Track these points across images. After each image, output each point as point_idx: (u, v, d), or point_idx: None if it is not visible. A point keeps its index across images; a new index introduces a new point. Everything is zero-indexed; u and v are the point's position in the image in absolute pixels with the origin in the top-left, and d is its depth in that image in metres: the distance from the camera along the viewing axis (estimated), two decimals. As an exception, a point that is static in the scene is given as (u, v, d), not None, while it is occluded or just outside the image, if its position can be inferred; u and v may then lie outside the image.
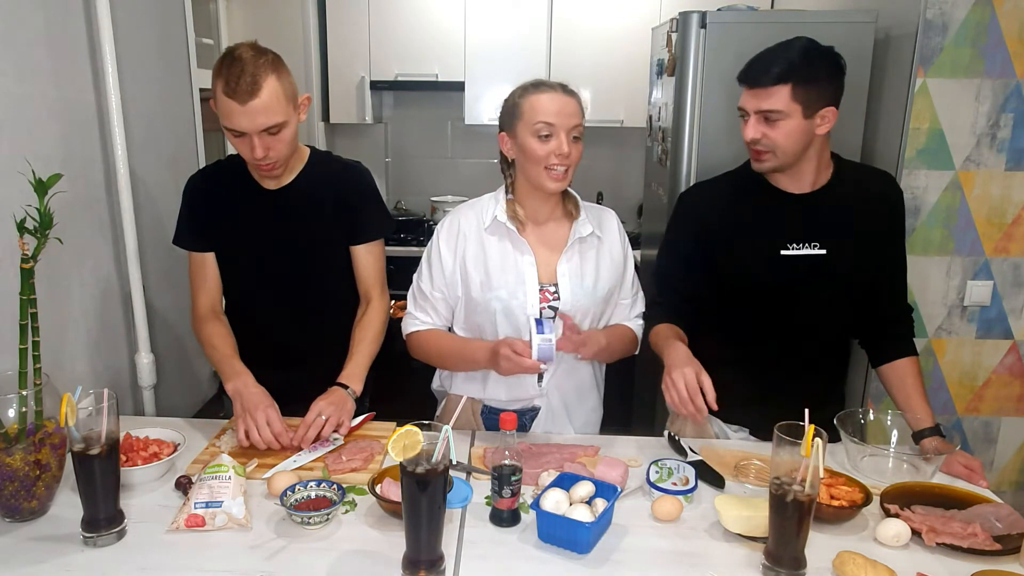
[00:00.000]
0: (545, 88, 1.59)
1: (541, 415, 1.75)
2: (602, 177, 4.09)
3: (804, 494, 1.14)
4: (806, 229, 1.62)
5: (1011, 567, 1.22)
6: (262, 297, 1.78)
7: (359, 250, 1.79)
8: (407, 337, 1.76)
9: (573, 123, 1.57)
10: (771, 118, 1.52)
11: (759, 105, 1.53)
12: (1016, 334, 2.36)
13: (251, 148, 1.56)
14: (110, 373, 1.98)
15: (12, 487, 1.26)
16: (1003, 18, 2.15)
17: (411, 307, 1.76)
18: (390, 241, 1.87)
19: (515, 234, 1.65)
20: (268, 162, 1.59)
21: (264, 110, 1.52)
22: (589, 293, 1.68)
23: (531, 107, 1.57)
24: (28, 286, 1.27)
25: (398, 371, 1.75)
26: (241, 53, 1.52)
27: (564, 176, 1.60)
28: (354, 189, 1.77)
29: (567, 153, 1.57)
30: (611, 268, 1.73)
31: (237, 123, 1.52)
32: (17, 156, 1.55)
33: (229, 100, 1.50)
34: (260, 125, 1.53)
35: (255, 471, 1.48)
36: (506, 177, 1.71)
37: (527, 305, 1.64)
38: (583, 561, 1.23)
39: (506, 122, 1.63)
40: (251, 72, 1.49)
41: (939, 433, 1.58)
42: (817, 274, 1.63)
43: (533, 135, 1.56)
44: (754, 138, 1.55)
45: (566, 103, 1.57)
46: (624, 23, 3.65)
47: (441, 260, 1.68)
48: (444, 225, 1.72)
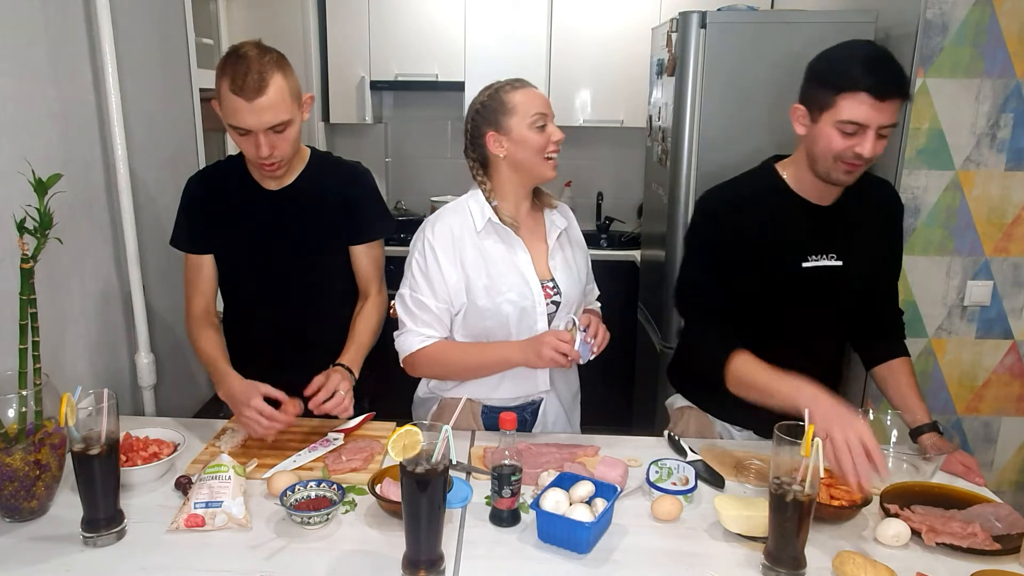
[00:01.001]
0: (523, 84, 1.65)
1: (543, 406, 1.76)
2: (602, 177, 4.09)
3: (804, 494, 1.14)
4: (824, 240, 1.60)
5: (1011, 567, 1.22)
6: (263, 298, 1.78)
7: (359, 250, 1.79)
8: (409, 357, 1.67)
9: (553, 113, 1.66)
10: (884, 133, 1.43)
11: (884, 120, 1.42)
12: (1016, 334, 2.36)
13: (256, 146, 1.56)
14: (110, 373, 1.98)
15: (12, 487, 1.26)
16: (1003, 18, 2.15)
17: (410, 323, 1.66)
18: (390, 241, 1.87)
19: (510, 234, 1.65)
20: (272, 161, 1.59)
21: (270, 108, 1.52)
22: (577, 283, 1.74)
23: (521, 102, 1.60)
24: (28, 286, 1.27)
25: (398, 371, 1.74)
26: (247, 51, 1.52)
27: (556, 163, 1.65)
28: (355, 189, 1.77)
29: (561, 138, 1.64)
30: (582, 256, 1.81)
31: (243, 121, 1.52)
32: (17, 156, 1.55)
33: (236, 97, 1.50)
34: (266, 123, 1.53)
35: (255, 471, 1.48)
36: (484, 182, 1.67)
37: (536, 304, 1.65)
38: (583, 561, 1.23)
39: (493, 121, 1.62)
40: (257, 70, 1.50)
41: (936, 430, 1.58)
42: (834, 285, 1.61)
43: (530, 127, 1.60)
44: (875, 153, 1.44)
45: (543, 96, 1.66)
46: (624, 23, 3.65)
47: (442, 271, 1.63)
48: (434, 234, 1.64)
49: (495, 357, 1.65)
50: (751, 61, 2.38)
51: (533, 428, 1.77)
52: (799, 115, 1.52)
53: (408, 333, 1.67)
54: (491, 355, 1.65)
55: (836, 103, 1.43)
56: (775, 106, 2.38)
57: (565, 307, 1.69)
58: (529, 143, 1.60)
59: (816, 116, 1.48)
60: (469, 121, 1.67)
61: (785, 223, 1.60)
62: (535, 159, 1.62)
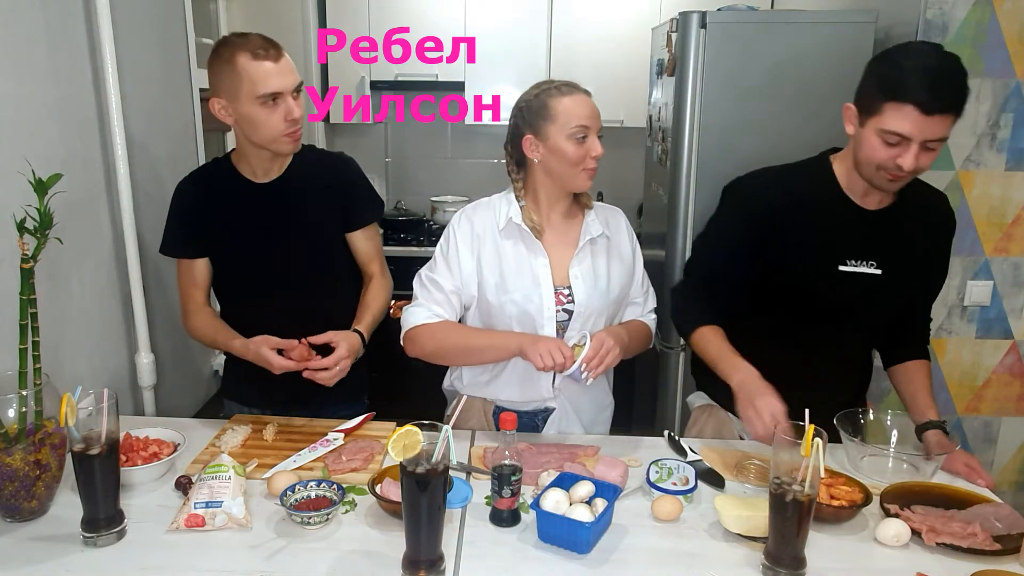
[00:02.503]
0: (569, 90, 1.60)
1: (554, 416, 1.74)
2: (602, 177, 4.00)
3: (804, 494, 1.14)
4: (865, 246, 1.56)
5: (1011, 567, 1.22)
6: (262, 293, 1.78)
7: (356, 236, 1.81)
8: (414, 330, 1.67)
9: (600, 124, 1.61)
10: (931, 146, 1.39)
11: (933, 134, 1.37)
12: (1016, 334, 2.36)
13: (288, 110, 1.59)
14: (110, 373, 1.98)
15: (12, 487, 1.26)
16: (1003, 18, 2.15)
17: (422, 298, 1.68)
18: (390, 242, 1.87)
19: (530, 236, 1.64)
20: (299, 126, 1.63)
21: (292, 68, 1.60)
22: (603, 294, 1.67)
23: (565, 110, 1.56)
24: (28, 286, 1.27)
25: (398, 371, 1.74)
26: (243, 33, 1.59)
27: (594, 174, 1.63)
28: (345, 178, 1.80)
29: (600, 153, 1.60)
30: (621, 268, 1.73)
31: (276, 84, 1.57)
32: (17, 156, 1.55)
33: (262, 63, 1.55)
34: (294, 81, 1.59)
35: (255, 471, 1.48)
36: (516, 181, 1.69)
37: (543, 309, 1.64)
38: (583, 561, 1.23)
39: (531, 125, 1.60)
40: (267, 38, 1.58)
41: (942, 428, 1.57)
42: (870, 294, 1.58)
43: (569, 138, 1.57)
44: (918, 168, 1.41)
45: (592, 104, 1.60)
46: (624, 23, 3.65)
47: (459, 258, 1.66)
48: (461, 223, 1.69)
49: (495, 341, 1.63)
50: (751, 61, 2.38)
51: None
52: (850, 114, 1.49)
53: (417, 307, 1.69)
54: (492, 339, 1.64)
55: (883, 110, 1.39)
56: (775, 106, 2.39)
57: (581, 316, 1.65)
58: (565, 154, 1.58)
59: (864, 119, 1.44)
60: (512, 117, 1.67)
61: (828, 223, 1.57)
62: (570, 170, 1.60)
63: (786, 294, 1.62)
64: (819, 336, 1.64)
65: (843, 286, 1.57)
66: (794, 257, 1.57)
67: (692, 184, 2.48)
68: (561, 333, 1.66)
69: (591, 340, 1.54)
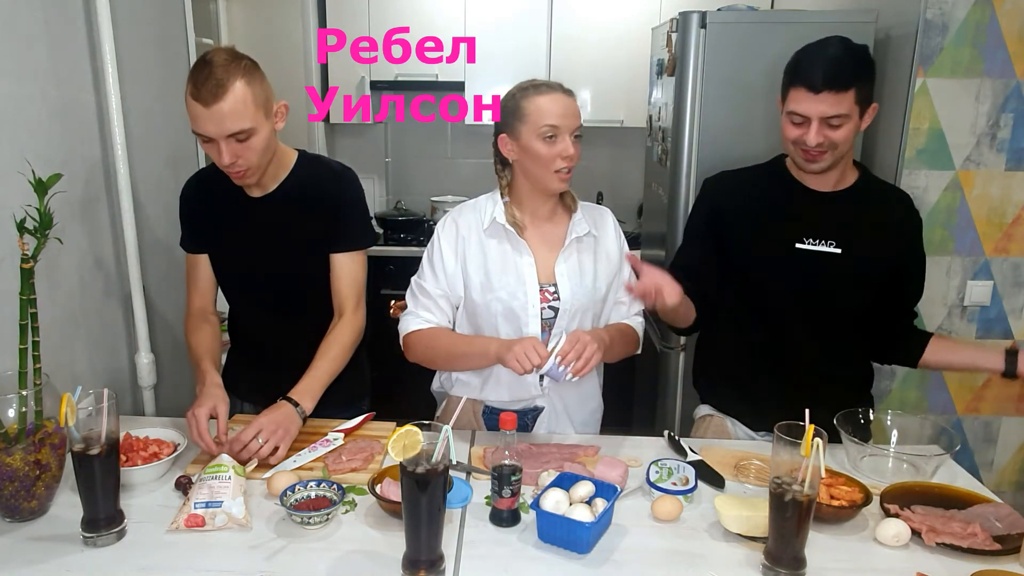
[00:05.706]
0: (546, 89, 1.59)
1: (544, 415, 1.75)
2: (602, 177, 4.09)
3: (804, 494, 1.14)
4: (823, 226, 1.63)
5: (1011, 567, 1.22)
6: (253, 302, 1.78)
7: (338, 258, 1.73)
8: (407, 337, 1.70)
9: (575, 124, 1.58)
10: (834, 123, 1.51)
11: (825, 111, 1.50)
12: (1016, 334, 2.36)
13: (218, 154, 1.52)
14: (110, 373, 1.98)
15: (12, 487, 1.26)
16: (1003, 18, 2.15)
17: (412, 306, 1.71)
18: (390, 241, 1.86)
19: (514, 235, 1.65)
20: (237, 169, 1.55)
21: (230, 114, 1.47)
22: (588, 292, 1.68)
23: (536, 109, 1.56)
24: (28, 286, 1.27)
25: (398, 371, 1.74)
26: (212, 57, 1.49)
27: (568, 176, 1.61)
28: (339, 197, 1.72)
29: (572, 155, 1.57)
30: (608, 266, 1.73)
31: (203, 127, 1.49)
32: (17, 156, 1.55)
33: (195, 103, 1.47)
34: (226, 130, 1.48)
35: (255, 471, 1.48)
36: (501, 179, 1.70)
37: (528, 306, 1.64)
38: (583, 561, 1.23)
39: (507, 124, 1.61)
40: (218, 76, 1.45)
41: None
42: (830, 272, 1.62)
43: (539, 138, 1.56)
44: (819, 143, 1.53)
45: (568, 104, 1.58)
46: (624, 23, 3.65)
47: (443, 260, 1.67)
48: (445, 225, 1.70)
49: (476, 348, 1.63)
50: (751, 61, 2.38)
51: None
52: (780, 106, 1.62)
53: (409, 315, 1.71)
54: (473, 346, 1.65)
55: (788, 95, 1.56)
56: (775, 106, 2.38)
57: (567, 314, 1.66)
58: (534, 154, 1.57)
59: (781, 107, 1.60)
60: (496, 116, 1.68)
61: (782, 204, 1.67)
62: (541, 170, 1.59)
63: (752, 276, 1.68)
64: (797, 324, 1.67)
65: (803, 263, 1.63)
66: (751, 237, 1.67)
67: (692, 184, 2.48)
68: (548, 330, 1.67)
69: (566, 336, 1.53)
